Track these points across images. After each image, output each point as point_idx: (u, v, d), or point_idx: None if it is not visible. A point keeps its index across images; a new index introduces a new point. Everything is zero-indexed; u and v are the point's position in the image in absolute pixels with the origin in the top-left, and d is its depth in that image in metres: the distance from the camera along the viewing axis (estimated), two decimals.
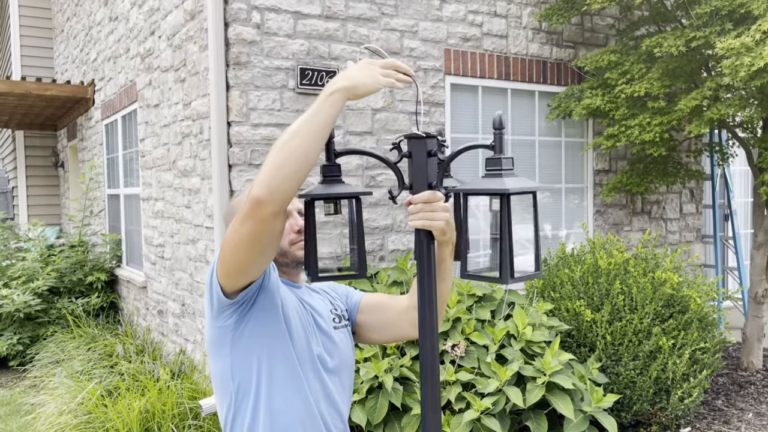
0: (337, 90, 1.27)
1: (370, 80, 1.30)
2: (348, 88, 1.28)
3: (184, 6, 4.81)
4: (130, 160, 6.67)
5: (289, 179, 1.23)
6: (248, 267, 1.40)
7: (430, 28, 4.97)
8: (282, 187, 1.23)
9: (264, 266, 1.43)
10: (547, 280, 4.65)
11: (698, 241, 6.71)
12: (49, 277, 6.63)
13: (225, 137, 4.23)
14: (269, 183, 1.23)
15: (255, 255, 1.36)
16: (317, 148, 1.25)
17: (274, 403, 1.53)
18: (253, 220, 1.27)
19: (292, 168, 1.23)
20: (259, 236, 1.30)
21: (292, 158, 1.23)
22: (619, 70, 4.97)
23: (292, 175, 1.23)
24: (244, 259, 1.37)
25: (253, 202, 1.25)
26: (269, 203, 1.24)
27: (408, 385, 3.66)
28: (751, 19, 4.39)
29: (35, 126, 10.12)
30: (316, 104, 1.27)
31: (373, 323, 1.75)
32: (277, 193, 1.23)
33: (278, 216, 1.28)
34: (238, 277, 1.44)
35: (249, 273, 1.43)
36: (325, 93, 1.27)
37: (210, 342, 1.58)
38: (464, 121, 5.21)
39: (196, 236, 4.77)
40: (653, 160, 5.62)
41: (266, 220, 1.27)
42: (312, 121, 1.25)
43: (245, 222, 1.29)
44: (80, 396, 4.31)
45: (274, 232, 1.32)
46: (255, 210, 1.26)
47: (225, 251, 1.39)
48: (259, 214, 1.26)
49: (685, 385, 4.10)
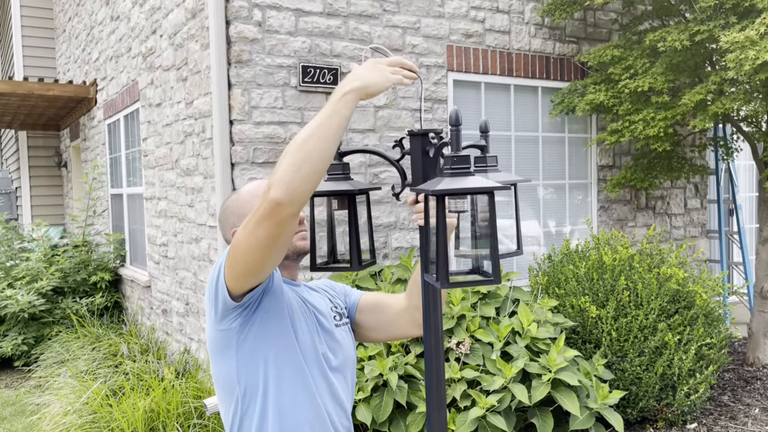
0: (350, 91, 1.29)
1: (380, 79, 1.32)
2: (360, 89, 1.30)
3: (185, 5, 4.80)
4: (133, 159, 6.67)
5: (307, 180, 1.24)
6: (261, 269, 1.39)
7: (432, 24, 4.95)
8: (301, 188, 1.24)
9: (274, 267, 1.43)
10: (551, 277, 4.63)
11: (703, 236, 6.68)
12: (53, 277, 6.63)
13: (227, 136, 4.22)
14: (288, 184, 1.23)
15: (270, 257, 1.35)
16: (333, 148, 1.26)
17: (283, 403, 1.52)
18: (270, 222, 1.27)
19: (310, 168, 1.24)
20: (277, 238, 1.30)
21: (310, 159, 1.24)
22: (623, 65, 4.94)
23: (311, 175, 1.24)
24: (257, 262, 1.36)
25: (272, 203, 1.24)
26: (289, 205, 1.24)
27: (413, 383, 3.66)
28: (756, 12, 4.36)
29: (38, 126, 10.13)
30: (331, 105, 1.28)
31: (371, 322, 1.76)
32: (296, 193, 1.24)
33: (296, 217, 1.28)
34: (249, 279, 1.43)
35: (260, 275, 1.42)
36: (339, 94, 1.29)
37: (212, 345, 1.56)
38: (467, 117, 5.19)
39: (200, 235, 4.77)
40: (657, 156, 5.59)
41: (285, 222, 1.27)
42: (328, 122, 1.26)
43: (262, 224, 1.28)
44: (85, 396, 4.31)
45: (290, 233, 1.32)
46: (274, 212, 1.25)
47: (237, 253, 1.38)
48: (278, 216, 1.25)
49: (691, 381, 4.08)
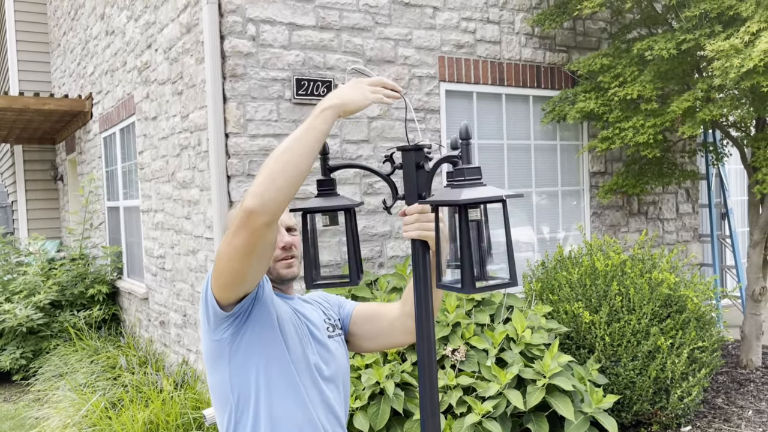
0: (329, 107, 1.34)
1: (359, 97, 1.37)
2: (339, 105, 1.35)
3: (179, 19, 4.86)
4: (129, 172, 6.70)
5: (281, 191, 1.29)
6: (243, 279, 1.43)
7: (424, 36, 5.02)
8: (274, 198, 1.29)
9: (258, 277, 1.47)
10: (545, 283, 4.68)
11: (695, 240, 6.75)
12: (51, 291, 6.65)
13: (223, 148, 4.27)
14: (262, 194, 1.28)
15: (249, 266, 1.40)
16: (309, 161, 1.31)
17: (275, 412, 1.56)
18: (246, 231, 1.32)
19: (284, 180, 1.29)
20: (253, 247, 1.35)
21: (285, 171, 1.29)
22: (612, 73, 5.02)
23: (284, 186, 1.29)
24: (238, 271, 1.41)
25: (246, 213, 1.29)
26: (261, 214, 1.29)
27: (409, 391, 3.70)
28: (740, 21, 4.44)
29: (34, 140, 10.17)
30: (308, 121, 1.33)
31: (365, 332, 1.79)
32: (270, 203, 1.28)
33: (271, 226, 1.33)
34: (234, 289, 1.47)
35: (244, 285, 1.46)
36: (318, 110, 1.34)
37: (207, 355, 1.60)
38: (459, 126, 5.25)
39: (197, 247, 4.81)
40: (648, 162, 5.67)
41: (259, 231, 1.31)
42: (305, 136, 1.31)
43: (238, 233, 1.33)
44: (84, 409, 4.33)
45: (267, 242, 1.36)
46: (248, 221, 1.30)
47: (220, 264, 1.43)
48: (251, 225, 1.30)
49: (684, 384, 4.13)
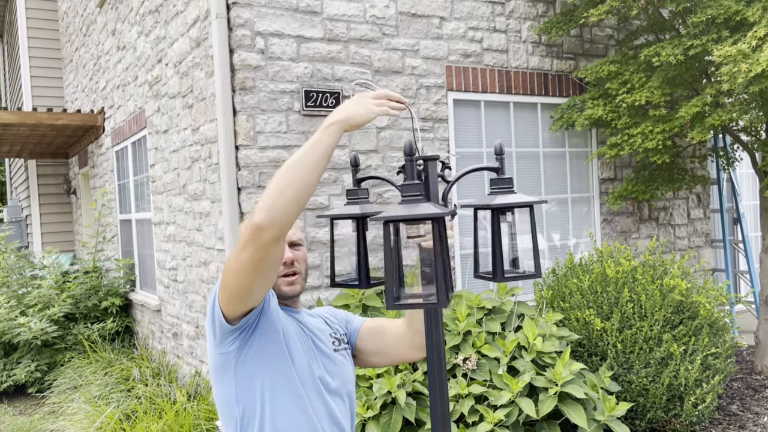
0: (334, 122, 1.35)
1: (363, 111, 1.38)
2: (344, 120, 1.36)
3: (189, 34, 4.92)
4: (141, 185, 6.77)
5: (289, 206, 1.29)
6: (250, 293, 1.44)
7: (431, 46, 5.05)
8: (282, 212, 1.29)
9: (265, 292, 1.48)
10: (556, 290, 4.67)
11: (707, 245, 6.71)
12: (65, 304, 6.71)
13: (233, 161, 4.32)
14: (269, 209, 1.29)
15: (256, 281, 1.41)
16: (315, 176, 1.32)
17: (280, 425, 1.56)
18: (253, 246, 1.33)
19: (292, 194, 1.29)
20: (260, 262, 1.35)
21: (292, 186, 1.29)
22: (620, 80, 5.02)
23: (292, 201, 1.29)
24: (246, 285, 1.42)
25: (254, 228, 1.30)
26: (269, 228, 1.29)
27: (421, 400, 3.70)
28: (747, 26, 4.44)
29: (47, 155, 10.29)
30: (316, 135, 1.35)
31: (372, 348, 1.80)
32: (277, 219, 1.29)
33: (278, 241, 1.34)
34: (240, 303, 1.48)
35: (251, 299, 1.47)
36: (324, 125, 1.35)
37: (213, 368, 1.61)
38: (468, 135, 5.27)
39: (208, 258, 4.85)
40: (658, 167, 5.65)
41: (266, 246, 1.32)
42: (312, 150, 1.32)
43: (246, 248, 1.34)
44: (99, 421, 4.37)
45: (274, 257, 1.37)
46: (256, 236, 1.31)
47: (227, 278, 1.44)
48: (259, 240, 1.31)
49: (698, 391, 4.10)
